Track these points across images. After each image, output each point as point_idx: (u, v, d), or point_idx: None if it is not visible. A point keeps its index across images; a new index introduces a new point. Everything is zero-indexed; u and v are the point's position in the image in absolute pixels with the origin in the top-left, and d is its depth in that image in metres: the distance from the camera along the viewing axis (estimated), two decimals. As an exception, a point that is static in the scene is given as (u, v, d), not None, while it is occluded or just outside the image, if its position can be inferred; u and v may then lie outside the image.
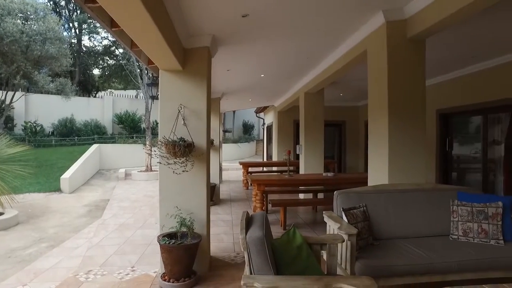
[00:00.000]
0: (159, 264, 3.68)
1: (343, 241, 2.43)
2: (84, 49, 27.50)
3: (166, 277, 3.38)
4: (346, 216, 2.89)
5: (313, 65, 6.42)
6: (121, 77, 26.45)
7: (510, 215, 3.07)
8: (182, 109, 3.56)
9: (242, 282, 1.71)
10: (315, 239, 2.38)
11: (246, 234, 1.86)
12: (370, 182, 4.13)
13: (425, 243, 3.06)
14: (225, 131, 26.02)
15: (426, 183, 3.64)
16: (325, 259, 2.40)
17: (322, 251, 2.42)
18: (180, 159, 3.40)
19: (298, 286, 1.70)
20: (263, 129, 17.66)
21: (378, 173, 4.01)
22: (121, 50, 23.63)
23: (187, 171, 3.51)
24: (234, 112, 28.73)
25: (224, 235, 5.15)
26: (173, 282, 3.30)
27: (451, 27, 4.26)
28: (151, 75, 15.45)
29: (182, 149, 3.27)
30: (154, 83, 10.70)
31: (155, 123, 18.41)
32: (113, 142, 17.48)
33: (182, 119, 3.57)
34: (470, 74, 6.71)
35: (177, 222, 3.46)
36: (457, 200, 3.30)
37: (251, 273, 1.86)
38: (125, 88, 26.63)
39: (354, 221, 2.89)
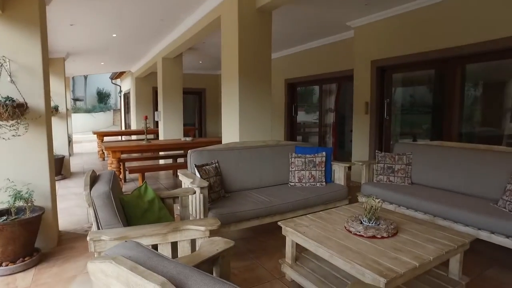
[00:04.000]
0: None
1: (194, 192, 2.60)
2: None
3: (-4, 261, 2.91)
4: (198, 172, 3.06)
5: (169, 29, 6.24)
6: None
7: (330, 162, 3.84)
8: (7, 62, 2.99)
9: (88, 238, 1.66)
10: (168, 193, 2.47)
11: (90, 190, 1.79)
12: (224, 141, 4.44)
13: (269, 191, 3.56)
14: (75, 100, 22.96)
15: (270, 140, 4.15)
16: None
17: (176, 204, 2.53)
18: (8, 122, 2.90)
19: (147, 233, 1.77)
20: (120, 97, 16.36)
21: (231, 133, 4.34)
22: None
23: (19, 135, 3.03)
24: (85, 77, 25.47)
25: (77, 208, 4.73)
26: (6, 266, 2.85)
27: (294, 4, 4.81)
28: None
29: (10, 110, 2.78)
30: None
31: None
32: None
33: (8, 75, 3.00)
34: (310, 49, 7.74)
35: (10, 196, 2.99)
36: (294, 153, 3.90)
37: (98, 228, 1.82)
38: None
39: (206, 176, 3.09)
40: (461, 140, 5.22)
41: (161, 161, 7.66)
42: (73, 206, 4.80)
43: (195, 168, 3.11)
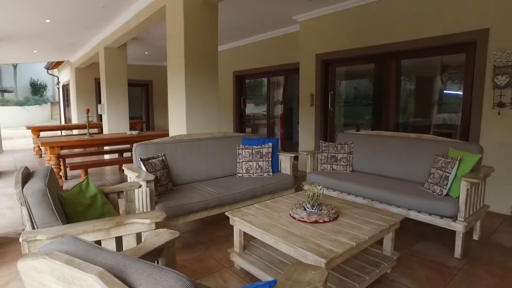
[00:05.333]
0: None
1: (140, 186, 2.54)
2: None
3: None
4: (144, 165, 3.00)
5: (111, 17, 5.93)
6: None
7: (276, 153, 3.96)
8: None
9: (21, 239, 1.56)
10: (111, 188, 2.39)
11: (23, 188, 1.68)
12: (171, 134, 4.37)
13: (217, 182, 3.58)
14: (3, 91, 20.88)
15: (218, 132, 4.17)
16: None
17: (121, 199, 2.46)
18: None
19: (89, 229, 1.71)
20: (58, 89, 15.21)
21: (178, 126, 4.28)
22: None
23: None
24: (15, 66, 23.22)
25: (9, 210, 4.36)
26: None
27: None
28: None
29: None
30: None
31: None
32: None
33: None
34: (258, 41, 7.82)
35: None
36: (241, 145, 3.96)
37: (33, 228, 1.72)
38: None
39: (153, 169, 3.03)
40: (397, 130, 5.66)
41: (107, 156, 7.31)
42: (4, 208, 4.42)
43: (141, 162, 3.04)
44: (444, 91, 5.90)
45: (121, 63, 7.55)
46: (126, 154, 6.79)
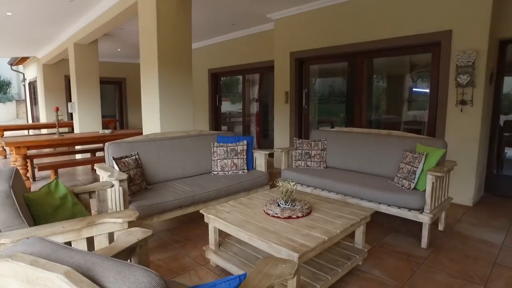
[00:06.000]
0: None
1: (112, 186, 2.50)
2: None
3: None
4: (117, 164, 2.94)
5: (81, 12, 5.75)
6: None
7: (251, 150, 3.99)
8: None
9: (-16, 243, 1.50)
10: (82, 188, 2.34)
11: (-14, 189, 1.61)
12: (145, 133, 4.31)
13: (192, 180, 3.57)
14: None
15: (192, 130, 4.14)
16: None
17: (93, 199, 2.41)
18: None
19: (57, 230, 1.67)
20: (24, 86, 14.56)
21: (151, 124, 4.23)
22: None
23: None
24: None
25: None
26: None
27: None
28: None
29: None
30: None
31: None
32: None
33: None
34: (233, 39, 7.80)
35: None
36: (216, 143, 3.96)
37: (-2, 231, 1.66)
38: None
39: (126, 168, 2.98)
40: (370, 127, 5.83)
41: (79, 156, 7.09)
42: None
43: (113, 161, 2.98)
44: (414, 89, 6.14)
45: (92, 60, 7.33)
46: (99, 154, 6.62)
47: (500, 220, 3.70)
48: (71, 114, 8.16)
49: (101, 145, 6.30)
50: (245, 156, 3.86)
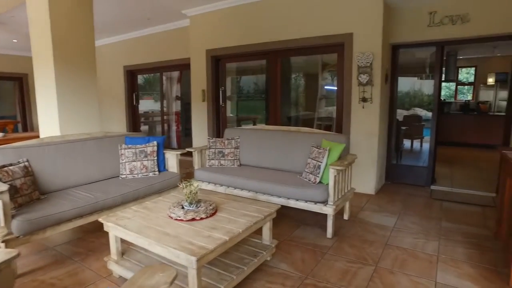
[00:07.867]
0: None
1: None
2: None
3: None
4: (-3, 174, 2.57)
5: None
6: None
7: (162, 151, 3.84)
8: None
9: None
10: None
11: None
12: (42, 136, 3.87)
13: (96, 186, 3.29)
14: None
15: (98, 131, 3.84)
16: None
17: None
18: None
19: None
20: None
21: (49, 127, 3.82)
22: None
23: None
24: None
25: None
26: None
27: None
28: None
29: None
30: None
31: None
32: None
33: None
34: (149, 35, 7.43)
35: None
36: (124, 144, 3.72)
37: None
38: None
39: (9, 178, 2.62)
40: (289, 123, 6.04)
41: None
42: None
43: (-8, 170, 2.59)
44: (325, 87, 6.52)
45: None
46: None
47: (395, 205, 4.12)
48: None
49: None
50: (155, 158, 3.69)
